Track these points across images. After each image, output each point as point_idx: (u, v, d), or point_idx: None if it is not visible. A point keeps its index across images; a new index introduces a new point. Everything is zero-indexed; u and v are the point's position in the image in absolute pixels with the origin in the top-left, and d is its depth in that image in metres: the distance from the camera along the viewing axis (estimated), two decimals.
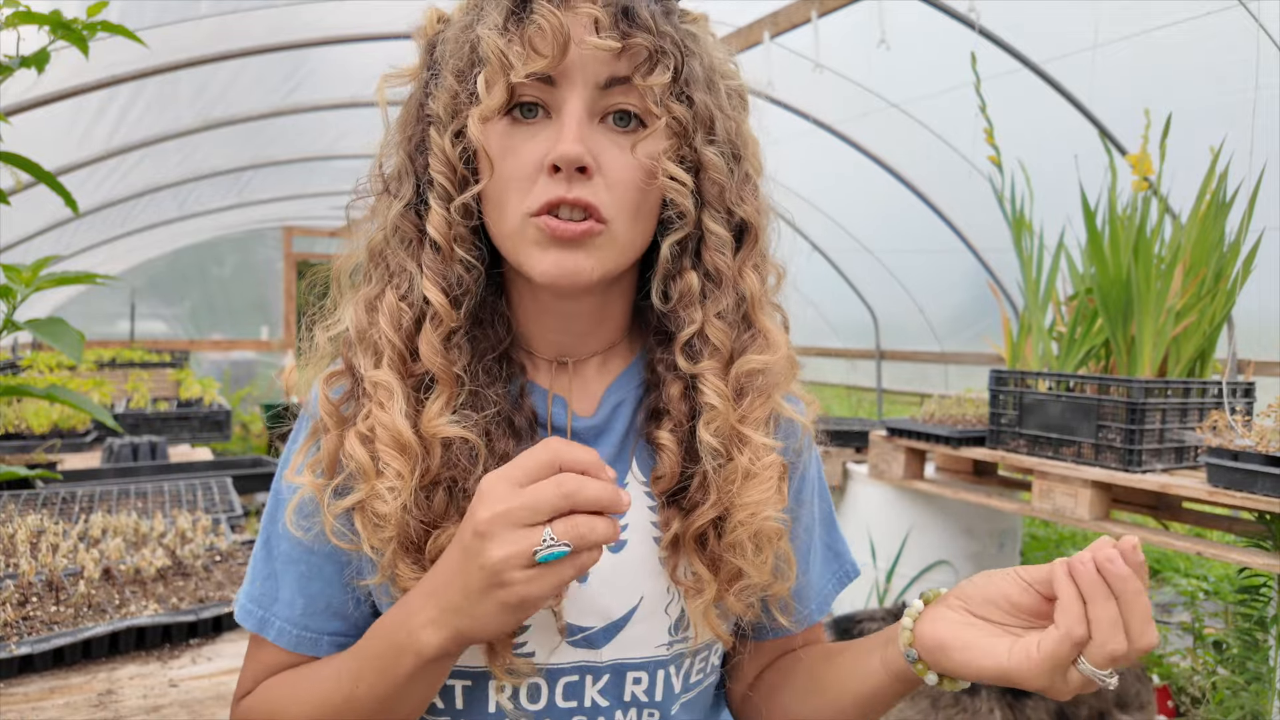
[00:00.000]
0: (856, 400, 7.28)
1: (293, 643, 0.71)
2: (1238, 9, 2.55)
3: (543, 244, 0.63)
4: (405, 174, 0.68)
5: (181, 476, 2.71)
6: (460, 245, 0.65)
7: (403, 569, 0.63)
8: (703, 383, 0.67)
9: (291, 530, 0.68)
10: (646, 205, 0.65)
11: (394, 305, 0.65)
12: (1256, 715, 2.06)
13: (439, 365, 0.64)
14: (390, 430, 0.62)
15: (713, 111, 0.66)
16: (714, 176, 0.66)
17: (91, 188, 4.49)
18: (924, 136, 3.94)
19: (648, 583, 0.70)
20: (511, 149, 0.63)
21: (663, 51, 0.62)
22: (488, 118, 0.62)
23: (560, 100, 0.62)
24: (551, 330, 0.72)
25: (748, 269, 0.69)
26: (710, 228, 0.67)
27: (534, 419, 0.70)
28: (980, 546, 3.08)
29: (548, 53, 0.60)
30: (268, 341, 8.44)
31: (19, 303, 1.06)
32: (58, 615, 1.33)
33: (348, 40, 3.52)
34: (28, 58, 1.09)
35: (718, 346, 0.67)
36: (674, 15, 0.66)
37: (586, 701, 0.70)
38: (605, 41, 0.60)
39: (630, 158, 0.63)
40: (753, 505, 0.66)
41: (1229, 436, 1.99)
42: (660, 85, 0.62)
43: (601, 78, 0.62)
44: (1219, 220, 2.30)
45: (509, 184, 0.63)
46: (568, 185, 0.61)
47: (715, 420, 0.66)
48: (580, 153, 0.60)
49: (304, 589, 0.71)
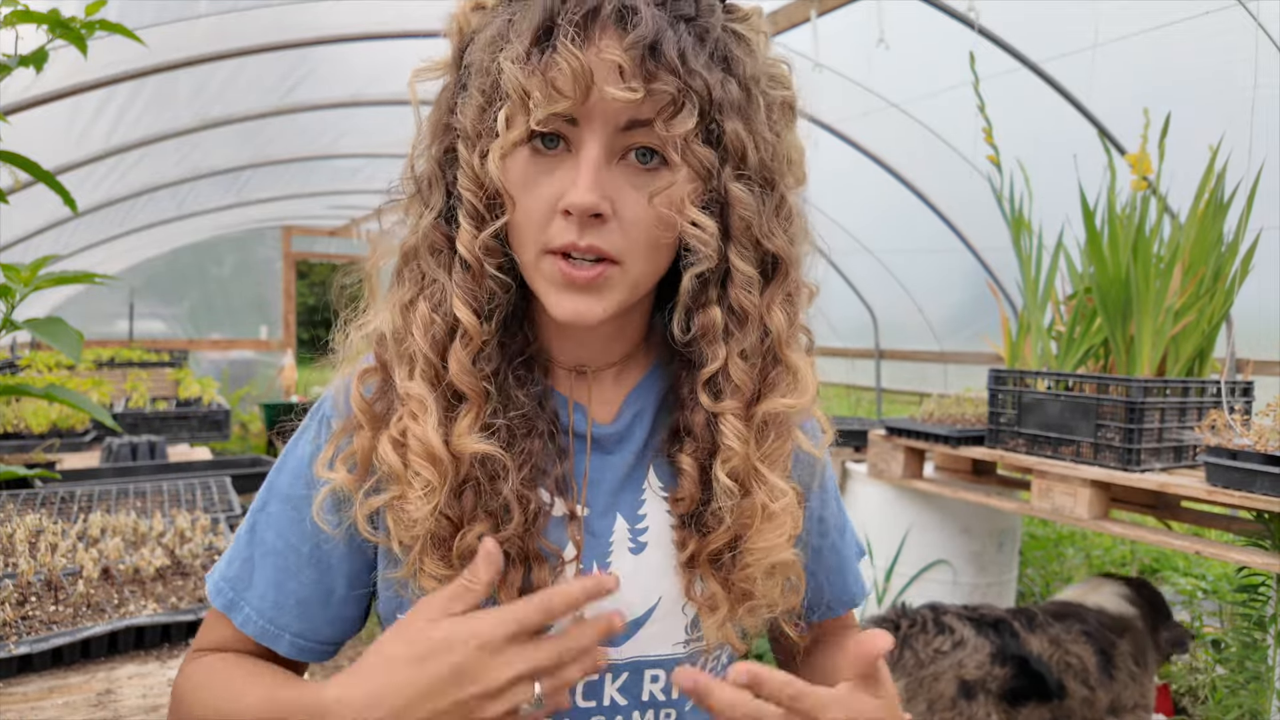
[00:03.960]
0: (855, 399, 7.29)
1: (257, 632, 0.72)
2: (1237, 9, 2.55)
3: (558, 285, 0.63)
4: (435, 181, 0.67)
5: (180, 476, 2.71)
6: (490, 261, 0.65)
7: (429, 564, 0.64)
8: (723, 422, 0.66)
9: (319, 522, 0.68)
10: (663, 242, 0.64)
11: (426, 316, 0.65)
12: (1255, 714, 2.06)
13: (468, 384, 0.64)
14: (423, 442, 0.63)
15: (744, 142, 0.63)
16: (741, 213, 0.64)
17: (90, 187, 4.48)
18: (923, 136, 3.94)
19: (666, 583, 0.71)
20: (531, 182, 0.62)
21: (689, 93, 0.59)
22: (507, 153, 0.61)
23: (580, 140, 0.61)
24: (570, 345, 0.73)
25: (776, 306, 0.67)
26: (736, 265, 0.65)
27: (555, 422, 0.71)
28: (979, 545, 3.08)
29: (569, 94, 0.58)
30: (267, 341, 8.44)
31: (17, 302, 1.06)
32: (56, 615, 1.33)
33: (347, 39, 3.52)
34: (26, 57, 1.09)
35: (739, 386, 0.66)
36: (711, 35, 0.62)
37: (605, 700, 0.70)
38: (625, 94, 0.58)
39: (646, 200, 0.62)
40: (763, 550, 0.66)
41: (1228, 436, 1.99)
42: (683, 132, 0.60)
43: (622, 120, 0.60)
44: (1217, 219, 2.31)
45: (528, 218, 0.63)
46: (579, 232, 0.61)
47: (732, 460, 0.66)
48: (593, 202, 0.59)
49: (279, 584, 0.72)
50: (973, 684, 2.11)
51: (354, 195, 6.64)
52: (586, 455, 0.72)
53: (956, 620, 2.21)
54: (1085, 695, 2.18)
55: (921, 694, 2.12)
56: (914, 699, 2.11)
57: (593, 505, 0.71)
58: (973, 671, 2.12)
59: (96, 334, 7.38)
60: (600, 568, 0.70)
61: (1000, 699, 2.13)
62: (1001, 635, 2.19)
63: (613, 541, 0.71)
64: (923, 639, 2.16)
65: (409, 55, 0.69)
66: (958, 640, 2.15)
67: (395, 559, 0.68)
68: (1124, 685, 2.25)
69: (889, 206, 4.58)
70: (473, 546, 0.63)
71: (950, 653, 2.13)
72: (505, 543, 0.64)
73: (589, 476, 0.72)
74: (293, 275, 8.58)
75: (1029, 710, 2.14)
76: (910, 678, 2.12)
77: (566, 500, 0.69)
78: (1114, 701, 2.23)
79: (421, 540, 0.64)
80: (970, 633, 2.18)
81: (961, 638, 2.16)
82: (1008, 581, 3.19)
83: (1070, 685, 2.17)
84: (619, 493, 0.72)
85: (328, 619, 0.73)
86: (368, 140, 5.09)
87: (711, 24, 0.62)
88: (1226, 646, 2.35)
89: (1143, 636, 2.36)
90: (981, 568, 3.08)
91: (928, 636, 2.17)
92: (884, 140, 4.21)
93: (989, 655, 2.14)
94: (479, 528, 0.64)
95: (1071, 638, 2.24)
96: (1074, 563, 4.05)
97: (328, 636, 0.74)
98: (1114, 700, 2.23)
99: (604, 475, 0.72)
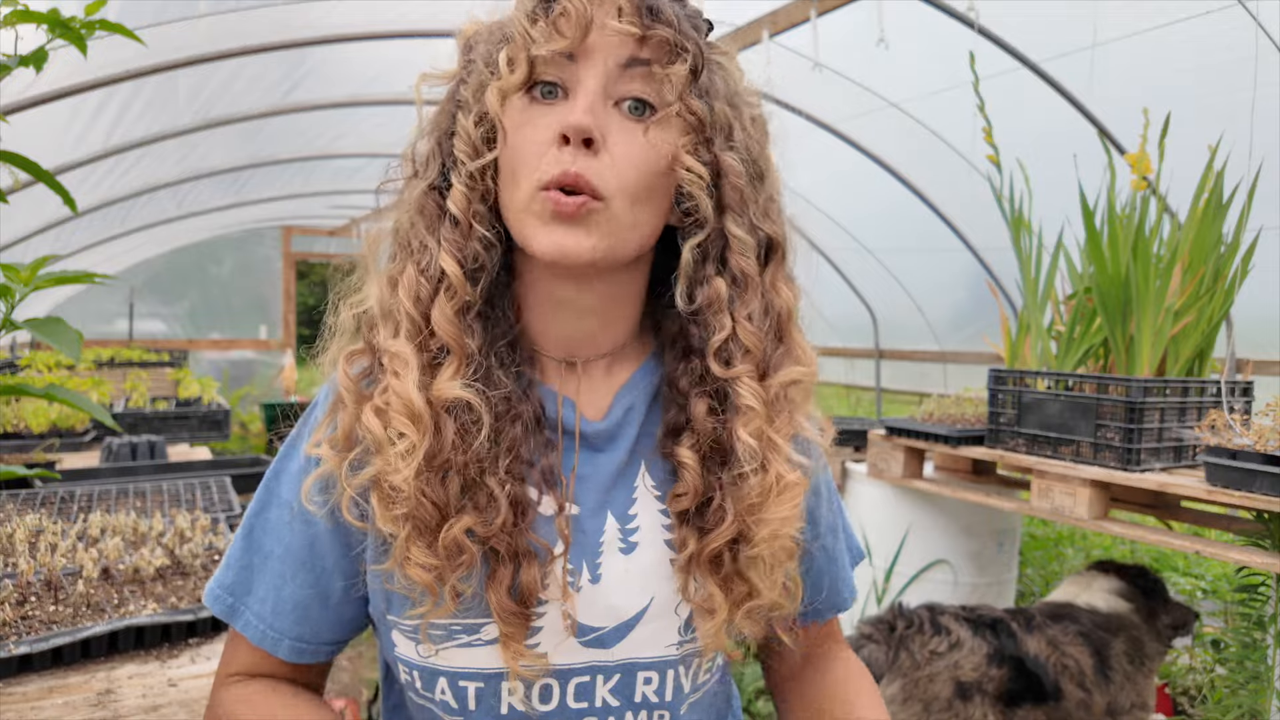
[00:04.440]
0: (855, 399, 7.29)
1: (257, 637, 0.72)
2: (1237, 9, 2.55)
3: (545, 219, 0.63)
4: (433, 156, 0.69)
5: (180, 476, 2.71)
6: (479, 222, 0.66)
7: (415, 553, 0.64)
8: (739, 385, 0.66)
9: (307, 505, 0.69)
10: (653, 190, 0.65)
11: (413, 278, 0.66)
12: (1255, 714, 2.06)
13: (450, 334, 0.65)
14: (403, 398, 0.63)
15: (732, 121, 0.67)
16: (734, 182, 0.66)
17: (90, 187, 4.48)
18: (923, 135, 3.94)
19: (658, 584, 0.71)
20: (527, 122, 0.64)
21: (684, 47, 0.63)
22: (507, 92, 0.64)
23: (578, 77, 0.64)
24: (559, 324, 0.72)
25: (780, 282, 0.69)
26: (733, 232, 0.66)
27: (541, 412, 0.70)
28: (979, 545, 3.08)
29: (569, 34, 0.62)
30: (266, 341, 8.44)
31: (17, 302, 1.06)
32: (56, 615, 1.33)
33: (347, 39, 3.52)
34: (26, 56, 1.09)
35: (751, 349, 0.67)
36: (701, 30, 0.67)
37: (597, 701, 0.70)
38: (626, 26, 0.62)
39: (639, 140, 0.64)
40: (778, 521, 0.66)
41: (1227, 435, 1.99)
42: (679, 76, 0.63)
43: (622, 57, 0.63)
44: (1217, 219, 2.31)
45: (522, 156, 0.64)
46: (573, 158, 0.62)
47: (754, 421, 0.66)
48: (588, 124, 0.61)
49: (277, 589, 0.72)
50: (969, 685, 2.09)
51: (354, 195, 6.64)
52: (575, 452, 0.71)
53: (953, 621, 2.19)
54: (1081, 698, 2.17)
55: (917, 695, 2.10)
56: (909, 700, 2.10)
57: (583, 504, 0.71)
58: (969, 673, 2.10)
59: (96, 334, 7.38)
60: (590, 568, 0.70)
61: (996, 700, 2.11)
62: (999, 636, 2.18)
63: (603, 541, 0.70)
64: (919, 640, 2.15)
65: (409, 55, 0.71)
66: (954, 641, 2.14)
67: (383, 550, 0.68)
68: (1120, 687, 2.23)
69: (889, 206, 4.58)
70: (459, 540, 0.63)
71: (946, 654, 2.12)
72: (493, 539, 0.64)
73: (578, 473, 0.71)
74: (292, 275, 8.58)
75: (1025, 712, 2.13)
76: (906, 679, 2.11)
77: (555, 496, 0.69)
78: (1110, 704, 2.21)
79: (407, 527, 0.64)
80: (967, 634, 2.16)
81: (958, 639, 2.15)
82: (1007, 581, 3.19)
83: (1066, 687, 2.15)
84: (610, 490, 0.71)
85: (327, 621, 0.73)
86: (368, 140, 5.09)
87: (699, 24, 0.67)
88: (1226, 646, 2.35)
89: (1139, 630, 2.33)
90: (981, 568, 3.08)
91: (924, 638, 2.15)
92: (884, 140, 4.21)
93: (986, 656, 2.13)
94: (466, 520, 0.64)
95: (1068, 639, 2.22)
96: (1074, 563, 4.05)
97: (328, 638, 0.74)
98: (1110, 702, 2.21)
99: (594, 473, 0.71)
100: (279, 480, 0.74)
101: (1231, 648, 2.25)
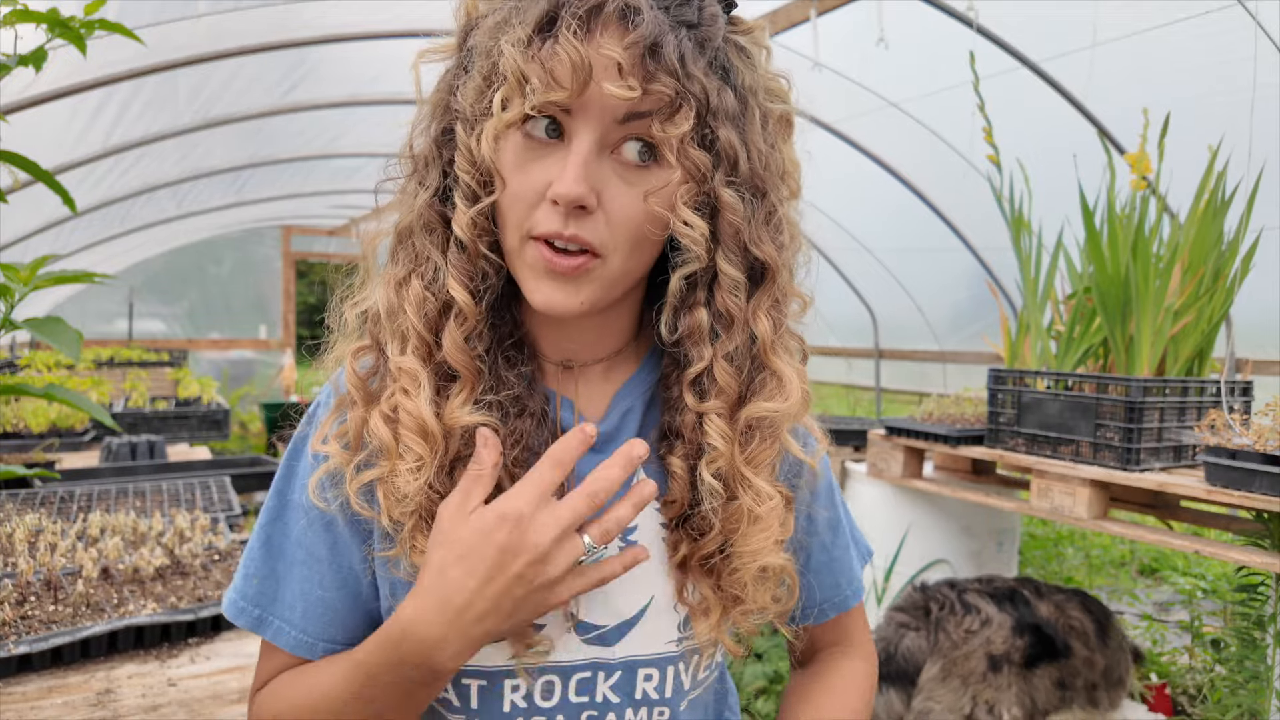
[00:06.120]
0: (855, 399, 7.29)
1: (290, 644, 0.71)
2: (1236, 9, 2.55)
3: (538, 272, 0.63)
4: (432, 161, 0.68)
5: (180, 476, 2.71)
6: (484, 242, 0.65)
7: (421, 541, 0.65)
8: (708, 423, 0.67)
9: (316, 501, 0.69)
10: (649, 239, 0.64)
11: (420, 294, 0.66)
12: (1254, 713, 2.06)
13: (461, 361, 0.65)
14: (415, 417, 0.64)
15: (737, 150, 0.63)
16: (730, 219, 0.64)
17: (89, 186, 4.48)
18: (923, 135, 3.94)
19: (657, 582, 0.71)
20: (521, 166, 0.63)
21: (686, 97, 0.60)
22: (500, 135, 0.62)
23: (572, 131, 0.62)
24: (555, 337, 0.73)
25: (761, 312, 0.67)
26: (724, 269, 0.65)
27: (546, 407, 0.71)
28: (979, 545, 3.08)
29: (567, 85, 0.59)
30: (266, 340, 8.44)
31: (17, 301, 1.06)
32: (56, 614, 1.33)
33: (346, 39, 3.52)
34: (25, 56, 1.09)
35: (724, 388, 0.66)
36: (711, 43, 0.63)
37: (599, 697, 0.71)
38: (622, 91, 0.58)
39: (636, 196, 0.62)
40: (750, 554, 0.67)
41: (1227, 435, 2.00)
42: (679, 133, 0.60)
43: (620, 113, 0.61)
44: (1217, 219, 2.30)
45: (515, 202, 0.63)
46: (564, 221, 0.61)
47: (717, 461, 0.66)
48: (579, 194, 0.59)
49: (305, 594, 0.71)
50: (999, 657, 2.25)
51: (354, 195, 6.64)
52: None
53: (978, 597, 2.35)
54: (1086, 656, 2.33)
55: (955, 672, 2.24)
56: (949, 678, 2.24)
57: None
58: (999, 646, 2.26)
59: (96, 333, 7.38)
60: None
61: (1021, 666, 2.26)
62: (1017, 606, 2.34)
63: None
64: (953, 620, 2.30)
65: (409, 55, 0.70)
66: (984, 619, 2.29)
67: (388, 537, 0.68)
68: (1114, 656, 2.38)
69: (888, 206, 4.58)
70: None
71: (979, 631, 2.28)
72: None
73: (577, 474, 0.71)
74: (292, 275, 8.58)
75: (1042, 670, 2.27)
76: (945, 659, 2.26)
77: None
78: (1108, 668, 2.36)
79: (413, 517, 0.64)
80: (993, 609, 2.32)
81: (987, 616, 2.30)
82: None
83: (1074, 645, 2.32)
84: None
85: (357, 620, 0.73)
86: (367, 140, 5.09)
87: (713, 33, 0.63)
88: (1226, 646, 2.35)
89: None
90: (981, 567, 3.08)
91: (957, 618, 2.30)
92: (883, 140, 4.21)
93: (1011, 629, 2.28)
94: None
95: (1072, 605, 2.40)
96: (1073, 562, 4.06)
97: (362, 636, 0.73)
98: (1108, 666, 2.36)
99: None
100: (290, 486, 0.73)
101: (1231, 647, 2.25)
